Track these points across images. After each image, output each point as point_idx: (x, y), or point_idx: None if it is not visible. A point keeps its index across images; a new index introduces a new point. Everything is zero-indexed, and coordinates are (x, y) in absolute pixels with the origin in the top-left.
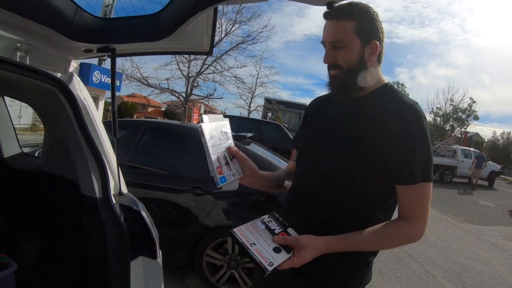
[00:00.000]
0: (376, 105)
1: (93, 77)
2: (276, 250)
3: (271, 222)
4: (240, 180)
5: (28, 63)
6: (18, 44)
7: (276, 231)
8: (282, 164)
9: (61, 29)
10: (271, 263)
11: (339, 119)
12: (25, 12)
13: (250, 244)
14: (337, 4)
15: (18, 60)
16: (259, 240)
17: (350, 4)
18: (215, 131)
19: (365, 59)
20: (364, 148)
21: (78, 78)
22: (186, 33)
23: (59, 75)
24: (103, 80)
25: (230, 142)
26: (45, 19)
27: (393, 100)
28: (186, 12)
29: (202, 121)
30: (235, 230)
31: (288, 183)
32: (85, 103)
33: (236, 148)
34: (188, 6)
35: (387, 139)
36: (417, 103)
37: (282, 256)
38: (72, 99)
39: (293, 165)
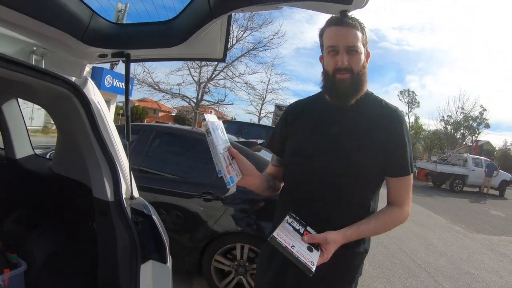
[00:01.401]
0: (368, 109)
1: (105, 81)
2: (309, 249)
3: (294, 222)
4: (242, 182)
5: (43, 67)
6: (34, 48)
7: (301, 231)
8: None
9: (77, 34)
10: (313, 263)
11: (339, 122)
12: (41, 17)
13: (291, 246)
14: (350, 13)
15: (33, 64)
16: (295, 242)
17: (352, 18)
18: (218, 129)
19: (365, 67)
20: (370, 146)
21: (92, 82)
22: (200, 40)
23: (73, 79)
24: (114, 84)
25: (228, 143)
26: (61, 24)
27: (380, 105)
28: (201, 19)
29: (204, 119)
30: (275, 235)
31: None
32: (99, 107)
33: (234, 149)
34: (203, 13)
35: (387, 137)
36: (398, 107)
37: (316, 255)
38: (86, 103)
39: (274, 170)
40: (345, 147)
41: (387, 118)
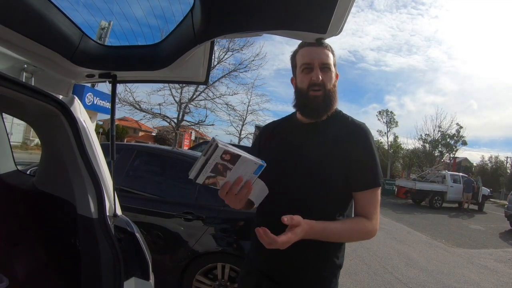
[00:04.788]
0: (335, 126)
1: (86, 98)
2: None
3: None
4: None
5: (33, 84)
6: (25, 65)
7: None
8: None
9: (67, 54)
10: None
11: (307, 139)
12: (34, 36)
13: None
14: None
15: (24, 80)
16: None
17: (324, 42)
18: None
19: (335, 85)
20: (334, 160)
21: (79, 101)
22: (184, 64)
23: (60, 97)
24: (95, 102)
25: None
26: (53, 44)
27: (347, 121)
28: (185, 44)
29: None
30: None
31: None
32: (85, 125)
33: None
34: (188, 38)
35: (350, 151)
36: (364, 123)
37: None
38: (73, 121)
39: None
40: (310, 163)
41: (352, 133)
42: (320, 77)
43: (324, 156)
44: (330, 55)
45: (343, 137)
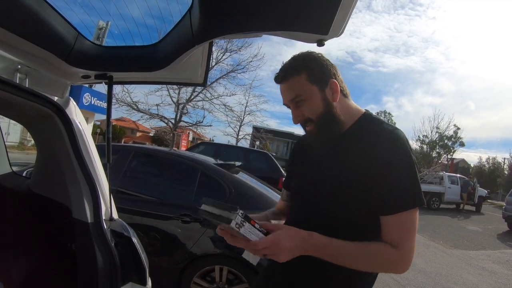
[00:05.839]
0: (359, 137)
1: (83, 99)
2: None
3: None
4: None
5: (27, 85)
6: (19, 66)
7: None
8: (270, 193)
9: (62, 55)
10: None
11: (325, 159)
12: (28, 36)
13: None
14: (282, 64)
15: (17, 82)
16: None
17: (292, 59)
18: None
19: (330, 100)
20: (343, 163)
21: (74, 103)
22: (182, 65)
23: (56, 98)
24: (93, 103)
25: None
26: (47, 44)
27: (374, 129)
28: (183, 45)
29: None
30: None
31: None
32: (80, 127)
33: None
34: (186, 39)
35: (374, 169)
36: (397, 128)
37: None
38: (68, 123)
39: (282, 204)
40: (314, 169)
41: (378, 140)
42: (297, 118)
43: (330, 158)
44: (300, 78)
45: (366, 145)
